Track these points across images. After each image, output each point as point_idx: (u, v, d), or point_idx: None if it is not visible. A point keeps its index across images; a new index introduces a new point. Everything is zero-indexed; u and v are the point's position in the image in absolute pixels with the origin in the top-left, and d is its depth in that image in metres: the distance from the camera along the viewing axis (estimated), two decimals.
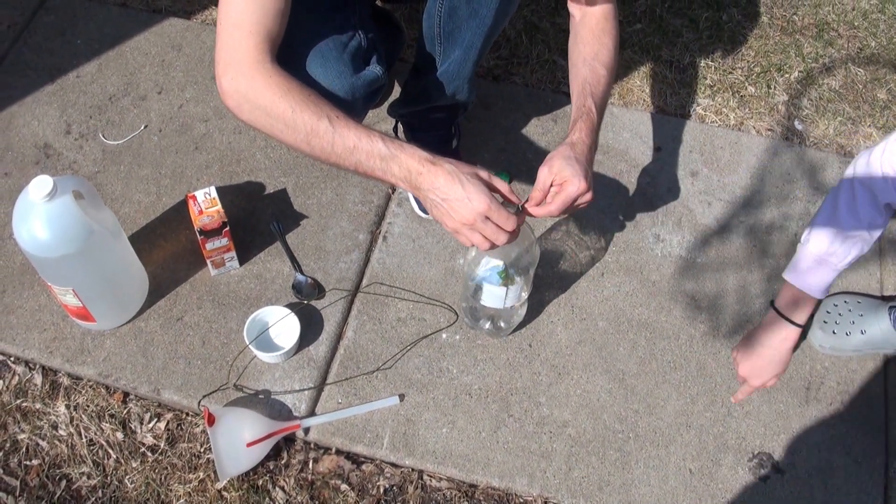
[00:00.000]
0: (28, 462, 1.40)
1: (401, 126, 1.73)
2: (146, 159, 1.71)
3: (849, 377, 1.53)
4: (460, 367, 1.50)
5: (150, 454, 1.41)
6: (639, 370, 1.52)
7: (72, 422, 1.43)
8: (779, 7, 2.13)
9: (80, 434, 1.42)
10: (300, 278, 1.56)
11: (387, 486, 1.40)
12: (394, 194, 1.70)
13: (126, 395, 1.47)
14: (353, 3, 1.39)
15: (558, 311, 1.57)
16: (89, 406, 1.45)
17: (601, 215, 1.70)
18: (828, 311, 1.56)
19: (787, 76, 1.98)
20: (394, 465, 1.42)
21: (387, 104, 1.71)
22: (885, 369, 1.55)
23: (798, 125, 1.89)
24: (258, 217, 1.64)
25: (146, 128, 1.76)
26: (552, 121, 1.83)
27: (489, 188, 1.12)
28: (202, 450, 1.42)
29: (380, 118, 1.77)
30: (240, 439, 1.36)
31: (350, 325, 1.54)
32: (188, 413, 1.45)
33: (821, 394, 1.51)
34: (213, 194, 1.47)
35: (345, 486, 1.40)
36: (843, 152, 1.85)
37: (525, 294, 1.44)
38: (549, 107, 1.85)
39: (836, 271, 1.35)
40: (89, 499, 1.37)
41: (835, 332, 1.53)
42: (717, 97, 1.93)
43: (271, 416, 1.42)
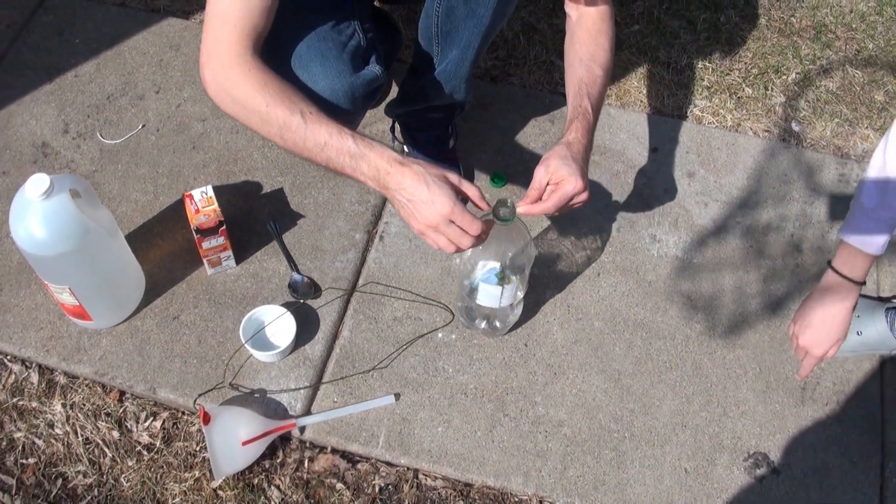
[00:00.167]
0: (24, 461, 1.40)
1: (398, 126, 1.74)
2: (143, 158, 1.71)
3: (845, 377, 1.53)
4: (456, 367, 1.50)
5: (145, 453, 1.41)
6: (634, 370, 1.52)
7: (68, 420, 1.43)
8: (776, 9, 2.13)
9: (76, 433, 1.42)
10: (296, 277, 1.57)
11: (382, 485, 1.40)
12: None
13: (122, 393, 1.47)
14: (352, 3, 1.39)
15: (554, 311, 1.57)
16: (85, 405, 1.45)
17: (597, 215, 1.70)
18: None
19: (784, 78, 1.98)
20: (389, 464, 1.42)
21: (384, 104, 1.72)
22: (882, 370, 1.55)
23: (795, 126, 1.90)
24: (255, 216, 1.64)
25: (144, 127, 1.76)
26: (549, 121, 1.83)
27: (458, 192, 1.13)
28: (198, 449, 1.42)
29: (377, 118, 1.77)
30: (235, 438, 1.36)
31: (346, 325, 1.54)
32: (184, 412, 1.45)
33: (817, 394, 1.51)
34: (210, 193, 1.47)
35: (340, 485, 1.40)
36: (840, 154, 1.85)
37: (521, 294, 1.44)
38: (546, 107, 1.85)
39: (892, 226, 1.31)
40: (85, 497, 1.37)
41: None
42: (714, 98, 1.93)
43: (267, 414, 1.42)
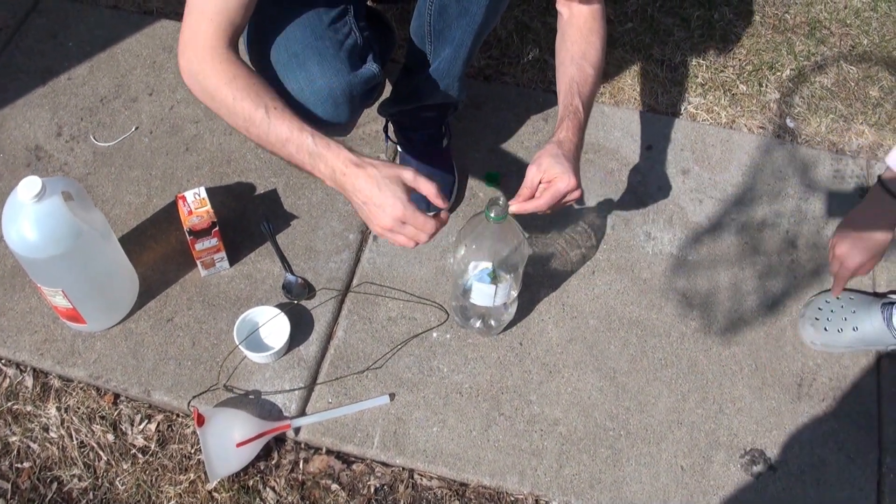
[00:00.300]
0: (19, 465, 1.40)
1: (391, 126, 1.73)
2: (137, 161, 1.71)
3: (841, 373, 1.53)
4: (451, 366, 1.50)
5: (140, 456, 1.41)
6: (630, 368, 1.52)
7: (63, 424, 1.43)
8: (770, 5, 2.13)
9: (71, 436, 1.42)
10: (290, 278, 1.56)
11: (377, 485, 1.40)
12: None
13: (117, 396, 1.46)
14: (347, 1, 1.39)
15: (549, 310, 1.57)
16: (80, 408, 1.44)
17: (592, 213, 1.70)
18: (819, 308, 1.55)
19: (778, 74, 1.98)
20: (384, 464, 1.42)
21: (377, 104, 1.71)
22: (878, 365, 1.54)
23: (790, 123, 1.89)
24: (248, 218, 1.64)
25: (137, 129, 1.76)
26: (543, 120, 1.83)
27: (412, 190, 1.15)
28: (193, 451, 1.42)
29: (370, 118, 1.77)
30: (229, 440, 1.35)
31: (340, 325, 1.54)
32: (179, 414, 1.45)
33: (813, 390, 1.51)
34: (203, 195, 1.47)
35: (335, 486, 1.39)
36: (834, 150, 1.85)
37: (515, 292, 1.44)
38: (539, 106, 1.85)
39: None
40: (80, 501, 1.37)
41: (826, 329, 1.53)
42: (708, 95, 1.93)
43: (261, 416, 1.42)
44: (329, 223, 1.65)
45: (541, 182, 1.27)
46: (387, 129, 1.74)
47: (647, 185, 1.75)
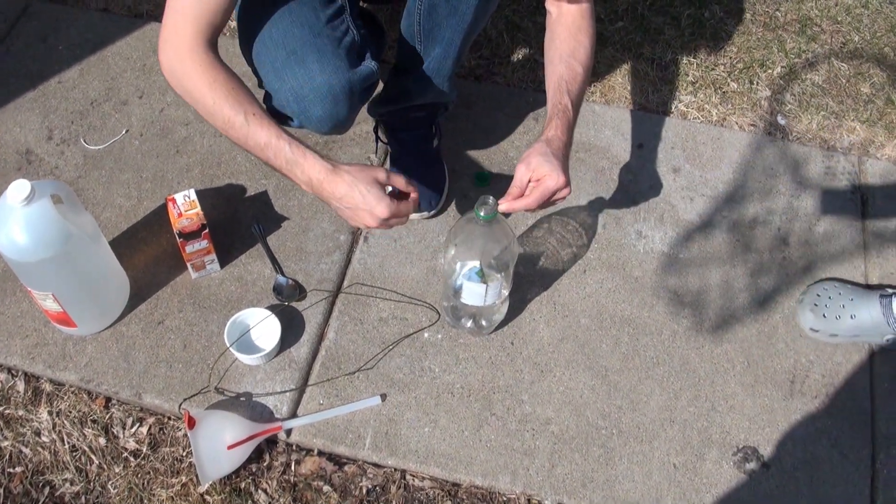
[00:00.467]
0: (11, 470, 1.39)
1: (382, 126, 1.73)
2: (127, 164, 1.71)
3: (834, 369, 1.53)
4: (442, 366, 1.50)
5: (132, 459, 1.41)
6: (622, 366, 1.51)
7: (54, 428, 1.43)
8: (761, 3, 2.13)
9: (62, 440, 1.42)
10: (281, 280, 1.56)
11: (369, 486, 1.40)
12: None
13: (108, 400, 1.46)
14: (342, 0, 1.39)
15: (540, 309, 1.57)
16: (72, 412, 1.44)
17: (583, 212, 1.70)
18: (818, 295, 1.56)
19: (769, 72, 1.98)
20: (376, 465, 1.42)
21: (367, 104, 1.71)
22: (871, 361, 1.54)
23: (781, 120, 1.89)
24: (239, 219, 1.64)
25: (127, 132, 1.76)
26: (533, 120, 1.83)
27: (386, 185, 1.24)
28: (184, 454, 1.41)
29: (360, 118, 1.74)
30: (221, 442, 1.35)
31: (331, 326, 1.53)
32: (170, 417, 1.45)
33: (806, 387, 1.51)
34: (193, 197, 1.47)
35: (327, 488, 1.39)
36: (826, 147, 1.85)
37: (505, 292, 1.44)
38: (530, 106, 1.85)
39: None
40: None
41: (825, 316, 1.53)
42: (699, 94, 1.93)
43: (253, 418, 1.41)
44: (320, 224, 1.64)
45: (530, 181, 1.27)
46: (377, 130, 1.74)
47: (639, 183, 1.75)
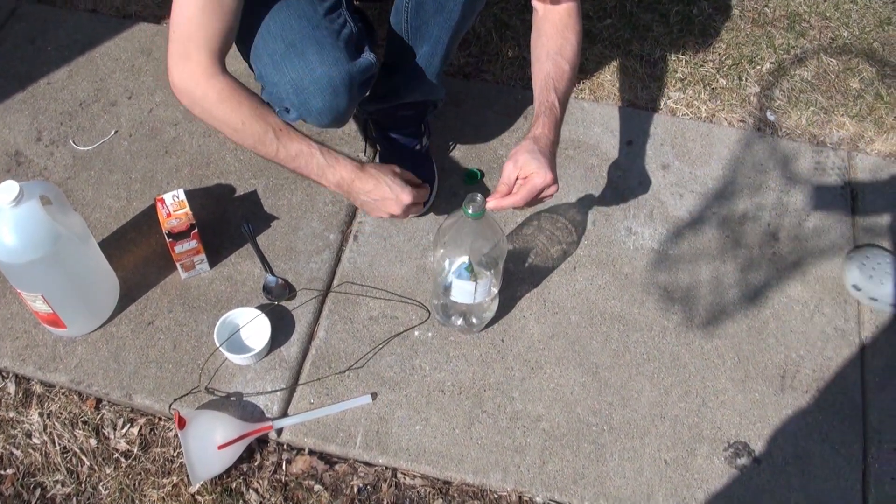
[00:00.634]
0: (2, 471, 1.39)
1: (371, 124, 1.73)
2: (116, 164, 1.71)
3: (824, 364, 1.53)
4: (433, 365, 1.50)
5: (123, 460, 1.40)
6: (612, 363, 1.51)
7: (45, 430, 1.42)
8: None
9: (53, 442, 1.41)
10: (271, 279, 1.56)
11: (360, 485, 1.40)
12: None
13: (99, 401, 1.46)
14: None
15: (530, 306, 1.57)
16: (62, 413, 1.44)
17: (572, 209, 1.70)
18: (867, 257, 1.61)
19: (758, 68, 1.98)
20: (367, 463, 1.41)
21: None
22: (862, 355, 1.54)
23: (770, 116, 1.90)
24: (228, 219, 1.64)
25: (116, 133, 1.75)
26: (523, 117, 1.83)
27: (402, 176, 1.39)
28: (175, 454, 1.41)
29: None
30: (211, 442, 1.35)
31: (321, 325, 1.53)
32: (161, 417, 1.45)
33: (796, 381, 1.51)
34: (182, 197, 1.47)
35: (318, 487, 1.39)
36: (815, 142, 1.85)
37: (495, 289, 1.44)
38: (519, 103, 1.85)
39: None
40: None
41: (871, 277, 1.58)
42: (688, 90, 1.93)
43: (243, 417, 1.41)
44: (309, 224, 1.64)
45: (517, 178, 1.27)
46: (366, 129, 1.74)
47: (628, 180, 1.75)
